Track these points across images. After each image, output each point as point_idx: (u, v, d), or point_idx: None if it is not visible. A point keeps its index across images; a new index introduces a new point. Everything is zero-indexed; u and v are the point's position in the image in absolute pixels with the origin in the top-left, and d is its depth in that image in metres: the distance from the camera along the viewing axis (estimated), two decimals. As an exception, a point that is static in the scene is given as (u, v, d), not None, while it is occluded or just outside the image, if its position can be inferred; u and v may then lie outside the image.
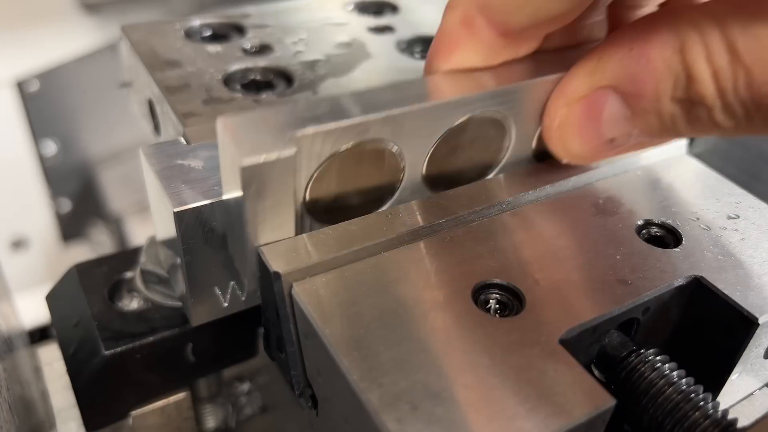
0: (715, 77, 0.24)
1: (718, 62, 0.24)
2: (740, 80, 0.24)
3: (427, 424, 0.20)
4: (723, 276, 0.27)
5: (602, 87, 0.27)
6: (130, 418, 0.37)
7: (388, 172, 0.29)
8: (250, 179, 0.24)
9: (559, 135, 0.29)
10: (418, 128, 0.28)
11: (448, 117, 0.28)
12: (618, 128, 0.28)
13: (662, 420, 0.25)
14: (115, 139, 0.81)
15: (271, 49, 0.40)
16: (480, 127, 0.30)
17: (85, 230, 0.83)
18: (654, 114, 0.26)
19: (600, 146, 0.29)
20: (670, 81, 0.25)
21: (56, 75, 0.75)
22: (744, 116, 0.24)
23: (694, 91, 0.25)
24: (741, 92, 0.24)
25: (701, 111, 0.25)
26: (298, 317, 0.25)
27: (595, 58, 0.28)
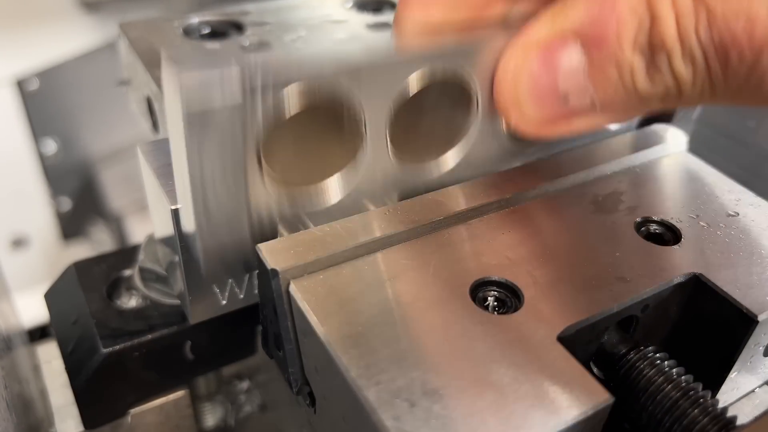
0: (677, 19, 0.24)
1: (682, 4, 0.23)
2: (701, 20, 0.23)
3: (424, 422, 0.20)
4: (722, 273, 0.27)
5: (563, 33, 0.26)
6: (128, 416, 0.37)
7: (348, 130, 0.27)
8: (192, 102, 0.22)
9: (512, 83, 0.28)
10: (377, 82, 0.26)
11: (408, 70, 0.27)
12: (574, 82, 0.27)
13: (661, 417, 0.25)
14: (115, 138, 0.81)
15: (270, 46, 0.40)
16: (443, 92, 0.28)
17: (86, 229, 0.83)
18: (613, 63, 0.25)
19: (553, 105, 0.28)
20: (634, 25, 0.24)
21: (56, 73, 0.75)
22: (702, 61, 0.24)
23: (655, 33, 0.24)
24: (701, 33, 0.23)
25: (661, 59, 0.24)
26: (295, 315, 0.25)
27: (560, 4, 0.27)
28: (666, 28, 0.24)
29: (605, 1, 0.25)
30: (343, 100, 0.26)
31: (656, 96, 0.25)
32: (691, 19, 0.23)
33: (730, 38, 0.23)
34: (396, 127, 0.28)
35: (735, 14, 0.22)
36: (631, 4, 0.24)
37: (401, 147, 0.29)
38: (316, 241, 0.26)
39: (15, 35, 0.71)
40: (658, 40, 0.24)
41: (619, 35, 0.25)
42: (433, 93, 0.28)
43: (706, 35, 0.23)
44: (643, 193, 0.31)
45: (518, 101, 0.28)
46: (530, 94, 0.28)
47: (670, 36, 0.24)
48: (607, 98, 0.27)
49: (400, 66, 0.27)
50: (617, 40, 0.25)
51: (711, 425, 0.24)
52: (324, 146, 0.27)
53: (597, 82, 0.26)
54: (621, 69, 0.25)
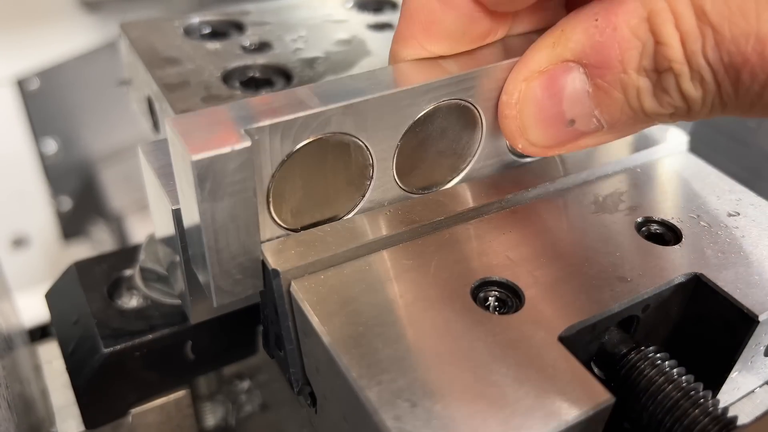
0: (683, 41, 0.23)
1: (686, 25, 0.23)
2: (708, 41, 0.23)
3: (425, 422, 0.20)
4: (723, 273, 0.27)
5: (565, 60, 0.26)
6: (129, 415, 0.37)
7: (356, 170, 0.28)
8: (204, 177, 0.23)
9: (516, 113, 0.28)
10: (382, 119, 0.27)
11: (412, 105, 0.27)
12: (580, 107, 0.26)
13: (662, 417, 0.25)
14: (116, 137, 0.81)
15: (271, 46, 0.40)
16: (448, 117, 0.29)
17: (86, 228, 0.84)
18: (618, 88, 0.25)
19: (559, 129, 0.27)
20: (637, 49, 0.24)
21: (57, 73, 0.75)
22: (713, 82, 0.24)
23: (661, 56, 0.24)
24: (709, 53, 0.23)
25: (668, 80, 0.24)
26: (296, 315, 0.25)
27: (558, 31, 0.26)
28: (672, 51, 0.24)
29: (605, 25, 0.25)
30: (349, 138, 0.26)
31: (665, 114, 0.25)
32: (697, 41, 0.23)
33: (740, 58, 0.22)
34: (402, 156, 0.29)
35: (744, 34, 0.22)
36: (632, 28, 0.24)
37: (408, 175, 0.29)
38: (317, 241, 0.26)
39: (16, 35, 0.71)
40: (665, 63, 0.24)
41: (622, 59, 0.25)
42: (437, 121, 0.28)
43: (715, 56, 0.23)
44: (643, 193, 0.31)
45: (524, 129, 0.28)
46: (536, 122, 0.28)
47: (677, 58, 0.24)
48: (614, 119, 0.26)
49: (405, 99, 0.27)
50: (621, 65, 0.25)
51: (712, 425, 0.24)
52: (332, 183, 0.27)
53: (603, 105, 0.26)
54: (627, 92, 0.25)
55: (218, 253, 0.25)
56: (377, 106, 0.26)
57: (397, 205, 0.28)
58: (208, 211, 0.24)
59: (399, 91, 0.26)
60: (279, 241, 0.26)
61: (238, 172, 0.23)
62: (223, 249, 0.25)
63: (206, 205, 0.23)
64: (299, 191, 0.27)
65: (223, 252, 0.25)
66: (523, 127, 0.28)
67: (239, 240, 0.25)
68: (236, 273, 0.26)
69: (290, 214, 0.27)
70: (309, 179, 0.27)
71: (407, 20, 0.28)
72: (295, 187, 0.27)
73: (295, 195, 0.27)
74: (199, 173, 0.22)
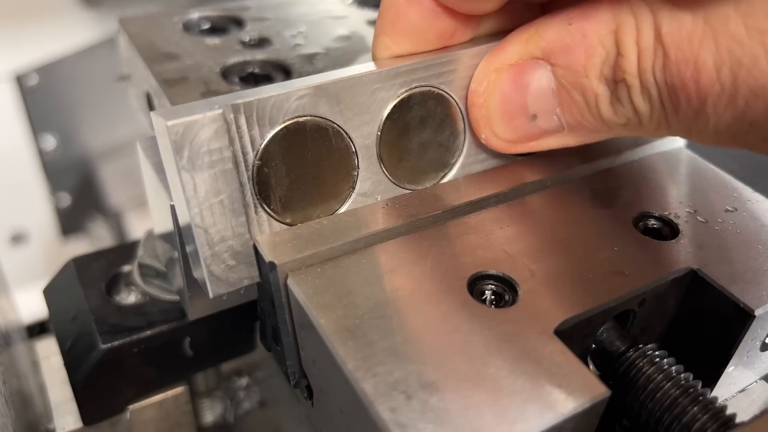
0: (639, 56, 0.25)
1: (644, 42, 0.25)
2: (658, 60, 0.24)
3: (421, 414, 0.20)
4: (719, 268, 0.27)
5: (534, 57, 0.28)
6: (127, 412, 0.37)
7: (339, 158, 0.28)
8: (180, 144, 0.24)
9: (483, 101, 0.29)
10: (355, 102, 0.27)
11: (383, 89, 0.28)
12: (543, 103, 0.28)
13: (660, 415, 0.25)
14: (115, 134, 0.81)
15: (270, 42, 0.40)
16: (425, 105, 0.29)
17: (85, 225, 0.84)
18: (579, 90, 0.27)
19: (522, 123, 0.29)
20: (600, 57, 0.26)
21: (56, 69, 0.75)
22: (658, 100, 0.25)
23: (619, 66, 0.25)
24: (657, 73, 0.24)
25: (622, 91, 0.26)
26: (293, 308, 0.25)
27: (533, 29, 0.28)
28: (628, 64, 0.25)
29: (576, 29, 0.26)
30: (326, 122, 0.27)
31: (619, 124, 0.27)
32: (650, 58, 0.25)
33: (680, 82, 0.24)
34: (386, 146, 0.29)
35: (685, 60, 0.24)
36: (600, 36, 0.26)
37: (395, 167, 0.30)
38: (314, 234, 0.26)
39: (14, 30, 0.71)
40: (621, 74, 0.25)
41: (586, 64, 0.26)
42: (414, 109, 0.29)
43: (661, 76, 0.24)
44: (641, 188, 0.31)
45: (489, 119, 0.29)
46: (501, 113, 0.29)
47: (631, 71, 0.25)
48: (574, 121, 0.28)
49: (374, 83, 0.27)
50: (584, 69, 0.26)
51: (710, 422, 0.24)
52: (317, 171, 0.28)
53: (564, 105, 0.27)
54: (587, 96, 0.27)
55: (206, 232, 0.25)
56: (347, 87, 0.27)
57: (395, 199, 0.28)
58: (190, 182, 0.24)
59: (367, 73, 0.27)
60: (275, 234, 0.26)
61: (214, 140, 0.24)
62: (210, 228, 0.25)
63: (187, 175, 0.24)
64: (285, 179, 0.27)
65: (212, 232, 0.26)
66: (488, 116, 0.29)
67: (226, 219, 0.26)
68: (228, 258, 0.26)
69: (279, 204, 0.27)
70: (293, 167, 0.27)
71: (380, 18, 0.29)
72: (280, 175, 0.27)
73: (281, 183, 0.27)
74: (175, 140, 0.23)
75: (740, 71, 0.23)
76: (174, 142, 0.23)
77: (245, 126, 0.25)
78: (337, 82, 0.26)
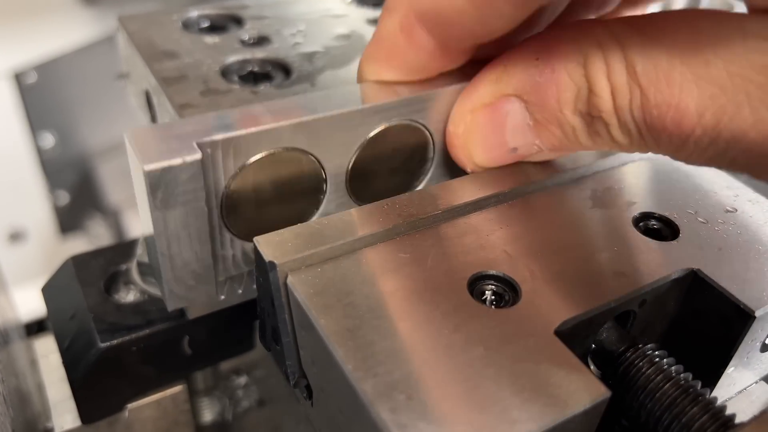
0: (613, 94, 0.25)
1: (617, 80, 0.25)
2: (635, 100, 0.25)
3: (421, 414, 0.20)
4: (720, 269, 0.27)
5: (507, 95, 0.28)
6: (126, 411, 0.37)
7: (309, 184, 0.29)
8: (156, 186, 0.24)
9: (463, 142, 0.30)
10: (334, 136, 0.28)
11: (363, 125, 0.28)
12: (521, 137, 0.28)
13: (660, 415, 0.25)
14: (113, 132, 0.81)
15: (270, 40, 0.40)
16: (400, 136, 0.30)
17: (83, 223, 0.83)
18: (555, 124, 0.27)
19: (504, 155, 0.29)
20: (572, 92, 0.26)
21: (54, 67, 0.75)
22: (637, 135, 0.25)
23: (593, 104, 0.26)
24: (635, 112, 0.25)
25: (600, 126, 0.26)
26: (293, 307, 0.25)
27: (501, 67, 0.28)
28: (602, 102, 0.25)
29: (544, 66, 0.27)
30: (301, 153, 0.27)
31: (600, 148, 0.27)
32: (626, 97, 0.25)
33: (660, 124, 0.24)
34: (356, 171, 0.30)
35: (666, 104, 0.24)
36: (569, 71, 0.26)
37: (362, 189, 0.30)
38: (314, 234, 0.26)
39: (13, 28, 0.71)
40: (596, 111, 0.26)
41: (559, 99, 0.27)
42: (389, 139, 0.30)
43: (639, 115, 0.25)
44: (641, 188, 0.31)
45: (471, 156, 0.30)
46: (483, 150, 0.30)
47: (607, 109, 0.25)
48: (554, 147, 0.28)
49: (355, 119, 0.28)
50: (558, 104, 0.27)
51: (710, 423, 0.24)
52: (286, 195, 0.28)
53: (542, 136, 0.28)
54: (563, 129, 0.27)
55: (171, 260, 0.26)
56: (328, 124, 0.27)
57: (395, 199, 0.28)
58: (161, 219, 0.25)
59: (349, 111, 0.27)
60: (275, 233, 0.26)
61: (189, 182, 0.24)
62: (176, 256, 0.26)
63: (158, 213, 0.24)
64: (253, 203, 0.28)
65: (176, 259, 0.26)
66: (470, 154, 0.30)
67: (191, 248, 0.26)
68: (189, 279, 0.27)
69: (245, 226, 0.28)
70: (262, 192, 0.28)
71: (375, 44, 0.29)
72: (248, 200, 0.27)
73: (248, 207, 0.28)
74: (151, 183, 0.23)
75: (723, 117, 0.23)
76: (150, 185, 0.24)
77: (221, 159, 0.25)
78: (320, 120, 0.27)
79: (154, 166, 0.23)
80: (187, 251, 0.26)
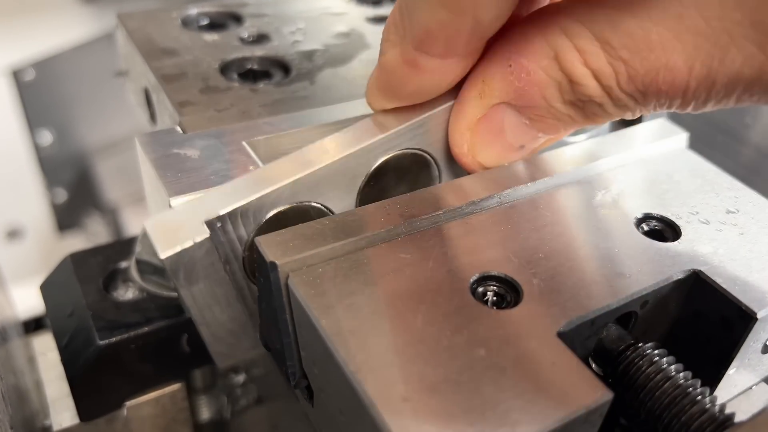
0: (597, 78, 0.25)
1: (596, 63, 0.25)
2: (621, 75, 0.24)
3: (422, 416, 0.20)
4: (722, 270, 0.27)
5: (494, 105, 0.28)
6: (124, 408, 0.37)
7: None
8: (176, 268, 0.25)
9: (472, 157, 0.30)
10: (334, 181, 0.28)
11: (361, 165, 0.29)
12: (523, 135, 0.29)
13: (660, 414, 0.25)
14: (112, 129, 0.81)
15: (269, 38, 0.40)
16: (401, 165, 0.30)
17: (81, 220, 0.83)
18: (550, 117, 0.27)
19: (514, 154, 0.30)
20: (555, 87, 0.26)
21: (52, 64, 0.74)
22: (633, 104, 0.25)
23: (579, 92, 0.26)
24: (624, 86, 0.25)
25: (594, 107, 0.26)
26: (294, 307, 0.25)
27: (479, 81, 0.28)
28: (588, 89, 0.25)
29: (519, 70, 0.26)
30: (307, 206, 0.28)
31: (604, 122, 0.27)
32: (611, 77, 0.25)
33: (654, 89, 0.24)
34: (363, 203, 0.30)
35: (655, 68, 0.24)
36: (544, 68, 0.26)
37: None
38: (316, 234, 0.26)
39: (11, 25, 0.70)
40: (586, 97, 0.26)
41: (545, 97, 0.27)
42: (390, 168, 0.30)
43: (631, 88, 0.25)
44: (643, 189, 0.31)
45: (483, 164, 0.30)
46: (492, 157, 0.30)
47: (597, 94, 0.25)
48: (559, 132, 0.29)
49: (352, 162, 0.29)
50: (545, 101, 0.27)
51: (709, 422, 0.24)
52: None
53: (543, 129, 0.28)
54: (559, 119, 0.27)
55: (208, 327, 0.28)
56: (324, 174, 0.28)
57: (396, 200, 0.28)
58: (189, 295, 0.27)
59: (341, 158, 0.28)
60: (277, 234, 0.26)
61: (205, 258, 0.26)
62: (211, 322, 0.28)
63: (185, 291, 0.26)
64: None
65: (212, 325, 0.28)
66: (483, 164, 0.30)
67: (224, 312, 0.28)
68: (229, 338, 0.29)
69: None
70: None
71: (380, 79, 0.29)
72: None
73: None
74: (171, 266, 0.25)
75: (713, 64, 0.23)
76: (171, 270, 0.25)
77: (231, 229, 0.26)
78: (316, 172, 0.27)
79: (169, 252, 0.25)
80: (221, 315, 0.28)
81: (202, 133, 0.31)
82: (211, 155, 0.29)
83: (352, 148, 0.28)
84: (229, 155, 0.29)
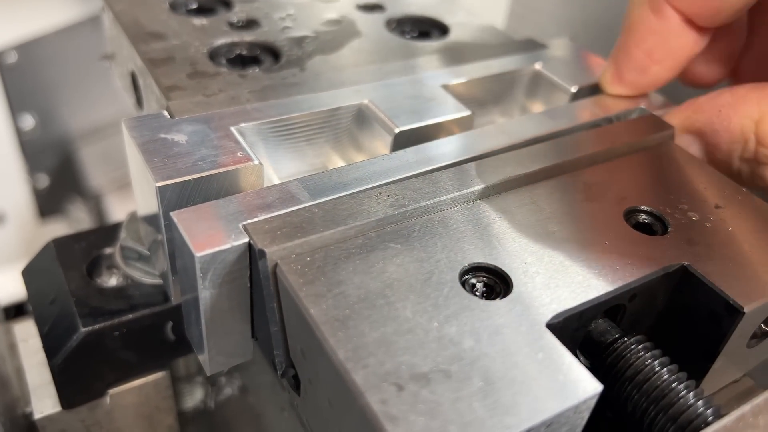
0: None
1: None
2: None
3: (412, 406, 0.20)
4: (709, 264, 0.27)
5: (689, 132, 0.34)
6: (107, 396, 0.36)
7: None
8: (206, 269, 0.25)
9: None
10: None
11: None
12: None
13: (647, 407, 0.25)
14: (96, 114, 0.80)
15: (258, 24, 0.40)
16: None
17: (63, 206, 0.82)
18: (724, 165, 0.33)
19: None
20: (740, 144, 0.32)
21: (36, 47, 0.73)
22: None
23: (760, 153, 0.31)
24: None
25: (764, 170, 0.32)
26: (282, 296, 0.25)
27: (691, 109, 0.34)
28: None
29: (724, 118, 0.32)
30: None
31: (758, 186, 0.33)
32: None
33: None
34: None
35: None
36: (744, 128, 0.32)
37: None
38: (305, 222, 0.26)
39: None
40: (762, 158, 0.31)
41: (729, 149, 0.32)
42: None
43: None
44: (632, 182, 0.31)
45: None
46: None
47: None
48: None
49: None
50: (727, 152, 0.33)
51: (695, 414, 0.24)
52: None
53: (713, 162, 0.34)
54: (730, 169, 0.33)
55: (215, 335, 0.28)
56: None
57: (388, 189, 0.28)
58: (208, 298, 0.26)
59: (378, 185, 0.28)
60: (266, 221, 0.25)
61: (237, 263, 0.25)
62: (218, 330, 0.27)
63: (206, 293, 0.26)
64: None
65: (219, 333, 0.28)
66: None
67: (233, 320, 0.27)
68: (228, 347, 0.29)
69: None
70: None
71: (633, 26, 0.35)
72: None
73: None
74: (202, 267, 0.25)
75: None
76: (201, 269, 0.25)
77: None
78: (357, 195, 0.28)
79: (205, 252, 0.24)
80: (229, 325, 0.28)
81: (189, 118, 0.30)
82: (199, 141, 0.29)
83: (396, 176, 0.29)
84: (216, 141, 0.29)
